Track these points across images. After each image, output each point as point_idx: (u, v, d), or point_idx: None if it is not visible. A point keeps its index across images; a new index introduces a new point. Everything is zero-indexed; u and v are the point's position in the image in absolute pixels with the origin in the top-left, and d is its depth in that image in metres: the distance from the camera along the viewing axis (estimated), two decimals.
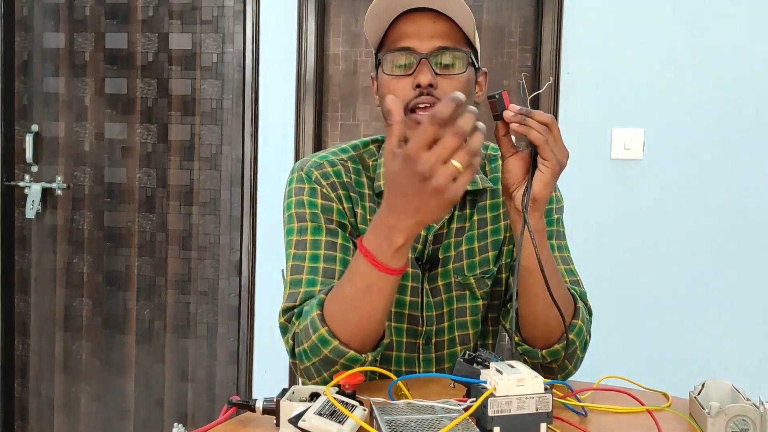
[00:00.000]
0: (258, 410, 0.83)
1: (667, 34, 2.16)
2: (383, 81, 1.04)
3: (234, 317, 2.48)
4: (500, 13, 2.30)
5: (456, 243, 1.11)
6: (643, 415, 0.87)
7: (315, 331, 0.91)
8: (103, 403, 2.57)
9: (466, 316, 1.12)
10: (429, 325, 1.11)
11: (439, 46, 1.01)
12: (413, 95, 1.00)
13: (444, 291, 1.11)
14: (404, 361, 1.11)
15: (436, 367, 1.11)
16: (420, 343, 1.11)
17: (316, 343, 0.92)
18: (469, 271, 1.11)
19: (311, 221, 1.05)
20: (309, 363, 0.95)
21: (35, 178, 2.56)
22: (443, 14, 1.01)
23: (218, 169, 2.47)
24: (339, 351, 0.91)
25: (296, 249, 1.04)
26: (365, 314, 0.89)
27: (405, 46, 1.01)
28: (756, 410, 0.81)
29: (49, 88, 2.54)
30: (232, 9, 2.42)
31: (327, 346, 0.91)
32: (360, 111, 2.38)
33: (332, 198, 1.07)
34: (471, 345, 1.13)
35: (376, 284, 0.86)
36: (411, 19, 1.02)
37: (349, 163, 1.12)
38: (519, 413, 0.74)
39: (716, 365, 2.16)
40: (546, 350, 1.00)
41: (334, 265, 1.02)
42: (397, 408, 0.79)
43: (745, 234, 2.15)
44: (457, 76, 1.02)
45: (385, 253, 0.83)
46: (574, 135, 2.20)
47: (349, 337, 0.90)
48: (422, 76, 0.99)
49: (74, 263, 2.56)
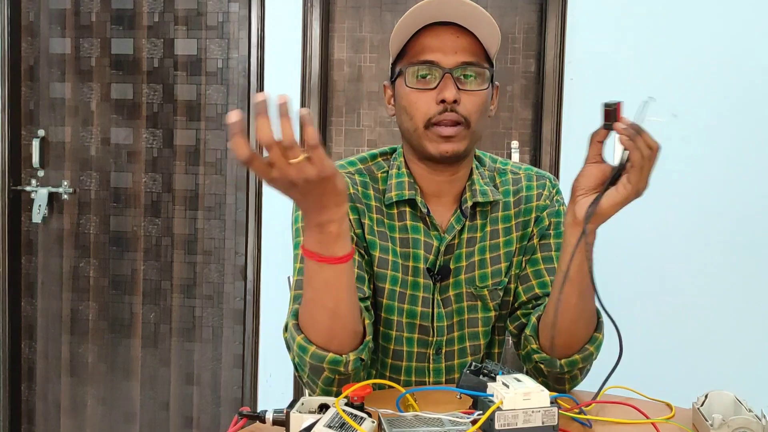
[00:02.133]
0: (268, 421, 0.84)
1: (670, 40, 2.16)
2: (403, 93, 1.05)
3: (239, 321, 2.50)
4: (504, 19, 2.31)
5: (468, 253, 1.12)
6: (647, 426, 0.88)
7: (293, 340, 0.94)
8: (109, 406, 2.59)
9: (477, 326, 1.13)
10: (439, 335, 1.12)
11: (463, 61, 1.02)
12: (437, 110, 1.02)
13: (455, 301, 1.12)
14: (414, 371, 1.12)
15: (446, 376, 1.12)
16: (430, 353, 1.12)
17: (298, 352, 0.94)
18: (480, 282, 1.12)
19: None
20: (305, 375, 0.97)
21: (42, 182, 2.57)
22: (466, 29, 1.02)
23: (223, 174, 2.48)
24: (318, 355, 0.92)
25: (301, 263, 1.04)
26: (330, 311, 0.90)
27: (429, 60, 1.02)
28: (758, 422, 0.82)
29: (56, 94, 2.55)
30: (237, 15, 2.44)
31: (306, 353, 0.93)
32: (364, 116, 2.39)
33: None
34: (482, 355, 1.14)
35: (331, 278, 0.88)
36: (434, 33, 1.02)
37: (356, 175, 1.13)
38: (525, 426, 0.76)
39: (721, 374, 2.17)
40: (565, 359, 1.01)
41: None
42: (405, 420, 0.80)
43: (749, 240, 2.15)
44: (479, 92, 1.03)
45: (328, 245, 0.86)
46: (578, 140, 2.20)
47: (324, 340, 0.92)
48: (447, 92, 1.00)
49: (80, 267, 2.58)
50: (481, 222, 1.13)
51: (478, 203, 1.11)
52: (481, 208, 1.13)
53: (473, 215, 1.12)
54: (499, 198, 1.14)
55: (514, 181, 1.16)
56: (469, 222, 1.12)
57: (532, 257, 1.13)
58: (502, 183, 1.16)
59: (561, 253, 1.00)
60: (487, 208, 1.13)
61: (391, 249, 1.09)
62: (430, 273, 1.10)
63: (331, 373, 0.93)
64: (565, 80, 2.21)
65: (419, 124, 1.04)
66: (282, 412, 0.83)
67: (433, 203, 1.11)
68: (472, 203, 1.10)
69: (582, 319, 0.99)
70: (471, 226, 1.12)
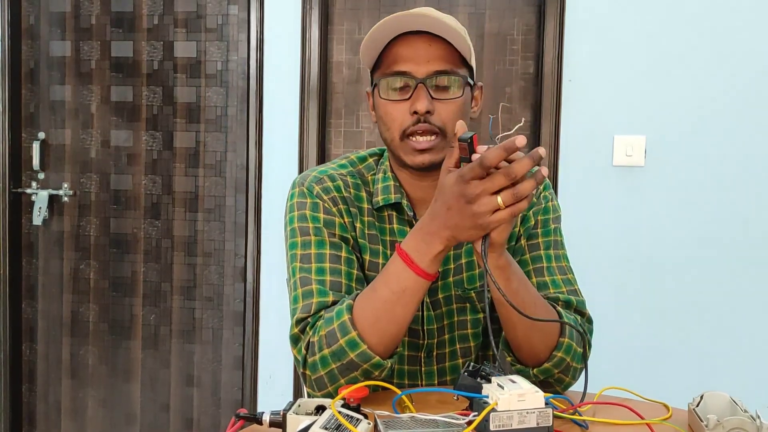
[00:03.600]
0: (265, 423, 0.85)
1: (669, 41, 2.17)
2: (380, 104, 1.06)
3: (239, 323, 2.50)
4: (502, 21, 2.32)
5: (455, 256, 1.12)
6: (642, 427, 0.88)
7: (345, 334, 0.93)
8: (110, 408, 2.59)
9: (467, 328, 1.13)
10: (430, 338, 1.12)
11: (436, 70, 1.02)
12: (410, 121, 1.02)
13: (444, 304, 1.12)
14: (407, 374, 1.13)
15: (438, 379, 1.13)
16: (422, 356, 1.13)
17: (343, 347, 0.94)
18: (469, 284, 1.12)
19: (315, 235, 1.07)
20: (324, 371, 0.96)
21: (42, 185, 2.58)
22: (438, 37, 1.01)
23: (223, 176, 2.49)
24: (365, 355, 0.93)
25: (302, 263, 1.05)
26: (395, 318, 0.93)
27: (401, 71, 1.02)
28: (753, 423, 0.82)
29: (56, 96, 2.56)
30: (236, 17, 2.44)
31: (355, 350, 0.93)
32: (363, 118, 2.40)
33: (334, 212, 1.09)
34: (472, 357, 1.14)
35: (411, 288, 0.91)
36: (407, 43, 1.02)
37: (348, 177, 1.14)
38: (520, 428, 0.76)
39: (717, 375, 2.17)
40: (537, 369, 1.02)
41: (339, 278, 1.04)
42: (401, 422, 0.81)
43: (748, 241, 2.16)
44: (454, 100, 1.03)
45: (424, 257, 0.89)
46: (577, 142, 2.21)
47: (376, 342, 0.94)
48: (419, 103, 1.00)
49: (81, 269, 2.59)
50: None
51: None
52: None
53: None
54: None
55: None
56: None
57: (521, 259, 1.12)
58: None
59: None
60: None
61: (381, 252, 1.10)
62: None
63: (366, 374, 0.95)
64: (563, 82, 2.22)
65: (395, 135, 1.05)
66: (279, 414, 0.84)
67: (421, 207, 1.11)
68: None
69: (533, 331, 0.99)
70: None
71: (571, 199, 2.21)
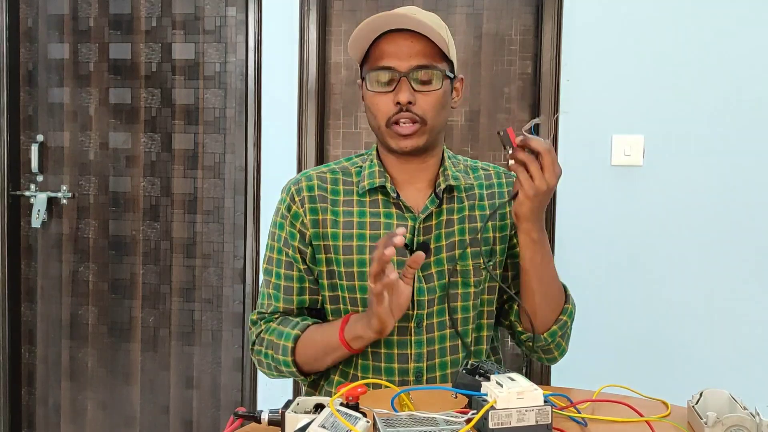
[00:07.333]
0: (263, 422, 0.85)
1: (667, 41, 2.17)
2: (367, 95, 1.18)
3: (238, 324, 2.50)
4: (500, 21, 2.32)
5: (447, 233, 1.21)
6: (642, 425, 0.88)
7: (285, 355, 1.17)
8: (109, 410, 2.59)
9: (457, 301, 1.20)
10: (420, 309, 1.19)
11: (417, 64, 1.13)
12: (394, 111, 1.15)
13: (437, 278, 1.20)
14: (396, 344, 1.19)
15: (427, 348, 1.19)
16: (412, 326, 1.19)
17: (280, 360, 1.18)
18: (462, 261, 1.20)
19: (277, 253, 1.25)
20: (264, 360, 1.21)
21: (41, 187, 2.58)
22: (420, 34, 1.12)
23: (222, 178, 2.49)
24: (293, 373, 1.19)
25: (268, 264, 1.26)
26: (323, 363, 1.19)
27: (386, 65, 1.14)
28: (752, 420, 0.82)
29: (54, 99, 2.56)
30: (234, 19, 2.44)
31: (287, 368, 1.19)
32: (362, 119, 2.40)
33: (298, 220, 1.22)
34: (462, 329, 1.21)
35: (339, 351, 1.15)
36: (391, 39, 1.14)
37: (329, 174, 1.25)
38: (519, 425, 0.76)
39: (716, 372, 2.17)
40: (546, 332, 1.19)
41: (292, 284, 1.23)
42: (400, 420, 0.81)
43: (746, 240, 2.16)
44: (434, 92, 1.15)
45: (357, 344, 1.13)
46: (575, 142, 2.21)
47: (306, 369, 1.20)
48: (401, 94, 1.13)
49: (80, 272, 2.58)
50: (458, 206, 1.22)
51: (453, 187, 1.22)
52: (457, 193, 1.22)
53: (450, 199, 1.22)
54: (471, 182, 1.25)
55: (485, 177, 1.28)
56: (446, 205, 1.21)
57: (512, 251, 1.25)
58: (476, 178, 1.27)
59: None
60: (463, 195, 1.23)
61: (357, 234, 1.20)
62: (407, 248, 1.18)
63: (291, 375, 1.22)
64: (561, 82, 2.22)
65: (381, 123, 1.17)
66: (277, 412, 0.84)
67: (407, 189, 1.22)
68: (445, 186, 1.21)
69: (548, 298, 1.17)
70: (448, 209, 1.22)
71: (569, 198, 2.21)
